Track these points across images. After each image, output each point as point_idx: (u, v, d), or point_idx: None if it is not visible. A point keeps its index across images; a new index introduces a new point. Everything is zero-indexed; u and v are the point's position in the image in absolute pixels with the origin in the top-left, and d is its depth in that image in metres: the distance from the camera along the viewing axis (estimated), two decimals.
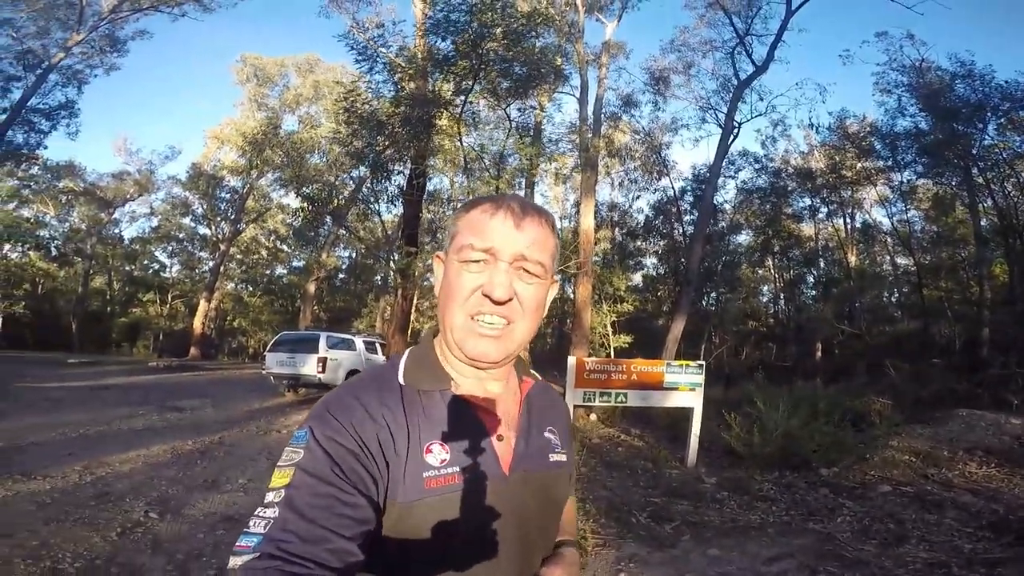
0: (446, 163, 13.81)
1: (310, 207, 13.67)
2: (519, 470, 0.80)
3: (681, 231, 23.59)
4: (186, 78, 66.46)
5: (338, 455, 0.68)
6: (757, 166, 23.27)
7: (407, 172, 13.89)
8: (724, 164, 18.06)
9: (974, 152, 15.87)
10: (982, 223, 17.49)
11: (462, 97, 12.05)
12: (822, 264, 25.83)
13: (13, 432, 6.96)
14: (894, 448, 6.95)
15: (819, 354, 22.84)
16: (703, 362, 7.78)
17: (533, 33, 11.80)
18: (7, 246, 29.13)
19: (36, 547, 3.44)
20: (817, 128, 21.30)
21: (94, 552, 3.49)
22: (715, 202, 21.56)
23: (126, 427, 7.99)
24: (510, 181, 13.67)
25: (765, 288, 30.24)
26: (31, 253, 29.86)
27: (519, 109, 14.37)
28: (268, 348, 13.10)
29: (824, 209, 23.97)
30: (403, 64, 12.36)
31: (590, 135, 14.83)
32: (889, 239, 23.83)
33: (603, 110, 17.19)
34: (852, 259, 23.67)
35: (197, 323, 28.43)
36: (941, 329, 20.37)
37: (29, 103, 16.68)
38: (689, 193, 23.55)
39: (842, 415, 7.17)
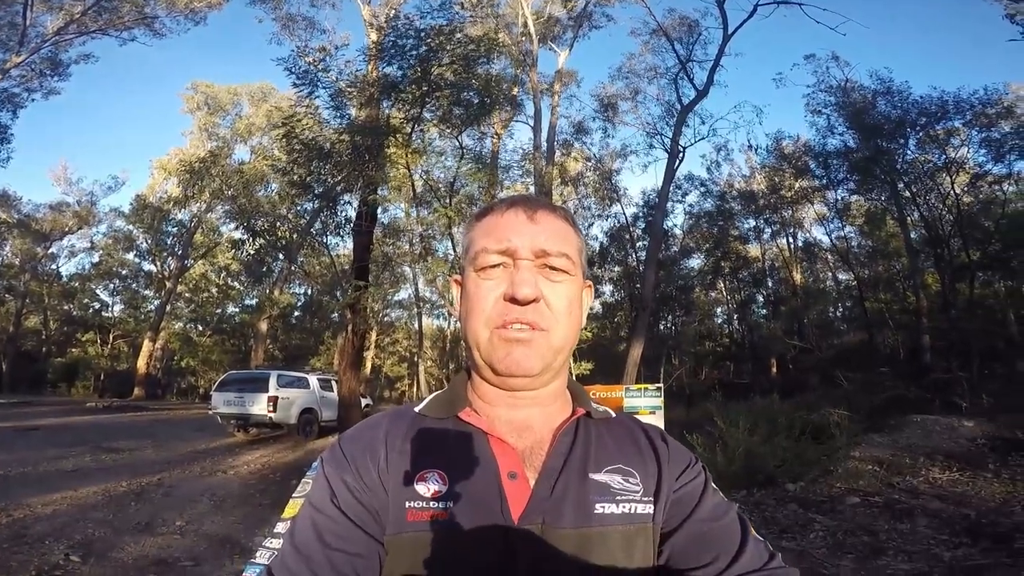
0: (398, 193, 13.63)
1: (255, 241, 13.29)
2: (535, 520, 0.62)
3: (635, 257, 24.12)
4: (134, 106, 63.84)
5: (338, 488, 0.64)
6: (703, 190, 24.26)
7: (357, 203, 13.69)
8: (672, 188, 18.67)
9: (898, 167, 16.94)
10: (912, 235, 18.54)
11: (412, 125, 11.99)
12: (770, 283, 26.94)
13: None
14: (857, 459, 7.03)
15: (775, 370, 23.61)
16: (661, 385, 7.86)
17: (483, 59, 11.95)
18: None
19: None
20: (756, 149, 22.46)
21: None
22: (665, 227, 22.25)
23: (53, 468, 7.49)
24: (461, 211, 13.64)
25: (719, 310, 31.22)
26: None
27: (474, 137, 14.55)
28: (214, 388, 12.83)
29: (768, 230, 25.11)
30: (350, 88, 12.27)
31: (544, 163, 15.12)
32: (830, 256, 25.14)
33: (556, 137, 17.68)
34: (797, 277, 24.78)
35: (141, 363, 27.02)
36: (885, 339, 21.39)
37: None
38: (641, 219, 24.27)
39: (802, 429, 7.16)
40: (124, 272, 32.53)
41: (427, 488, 0.63)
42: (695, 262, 26.25)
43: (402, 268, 20.46)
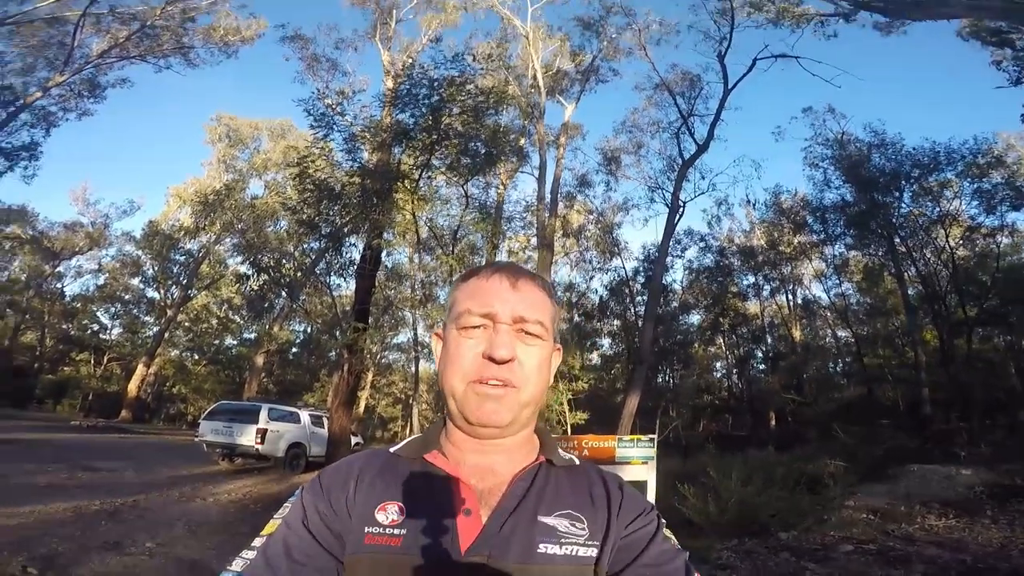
0: (403, 238, 13.81)
1: (260, 276, 13.43)
2: (481, 553, 0.68)
3: (633, 311, 24.05)
4: (158, 132, 65.51)
5: (311, 513, 0.72)
6: (702, 244, 24.39)
7: (362, 245, 13.86)
8: (671, 243, 18.84)
9: (894, 221, 17.03)
10: (909, 291, 18.44)
11: (420, 171, 12.28)
12: (769, 340, 26.77)
13: None
14: (852, 508, 6.95)
15: (773, 423, 23.15)
16: (654, 436, 7.79)
17: (492, 111, 12.35)
18: None
19: None
20: (754, 204, 22.71)
21: None
22: (665, 282, 22.31)
23: (25, 482, 7.29)
24: (462, 258, 13.77)
25: (719, 364, 30.96)
26: None
27: (480, 187, 14.87)
28: (203, 416, 12.79)
29: (767, 287, 25.17)
30: (365, 133, 12.65)
31: (547, 215, 15.29)
32: (828, 313, 25.03)
33: (560, 190, 17.97)
34: (797, 334, 24.65)
35: (132, 386, 26.82)
36: (885, 392, 21.03)
37: None
38: (641, 274, 24.33)
39: (796, 479, 7.14)
40: (127, 297, 32.75)
41: (386, 517, 0.70)
42: (695, 318, 26.20)
43: (403, 312, 20.47)
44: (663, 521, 0.76)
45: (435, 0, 18.79)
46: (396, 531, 0.69)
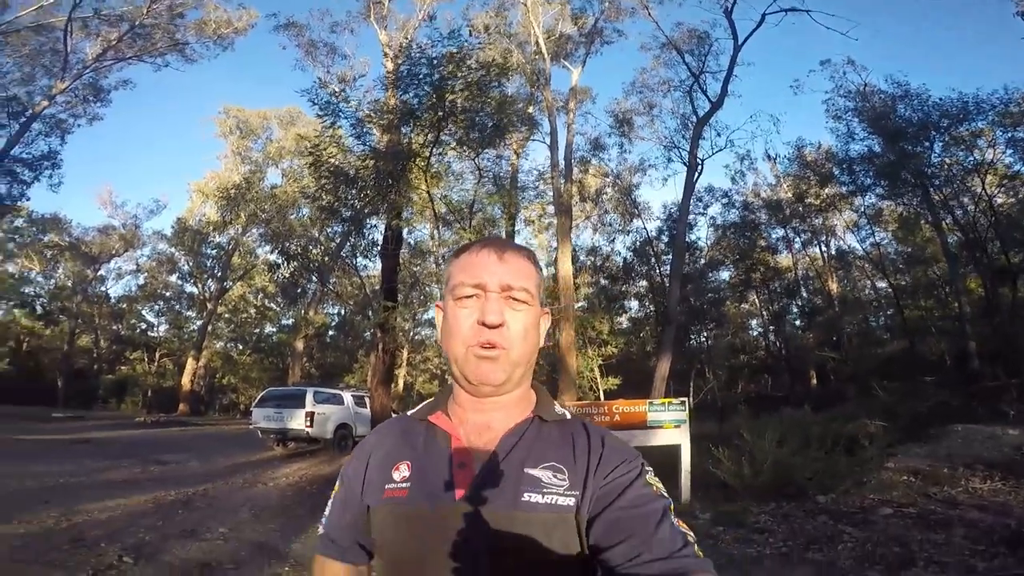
0: (421, 215, 13.98)
1: (289, 264, 13.81)
2: (472, 501, 0.78)
3: (659, 271, 23.82)
4: (171, 129, 66.99)
5: (347, 473, 0.93)
6: (725, 200, 23.85)
7: (382, 226, 14.07)
8: (693, 201, 18.48)
9: (926, 170, 16.40)
10: (949, 240, 17.82)
11: (430, 149, 12.30)
12: (804, 294, 26.20)
13: None
14: (891, 470, 6.79)
15: (813, 382, 22.85)
16: (685, 399, 7.82)
17: (495, 83, 12.21)
18: None
19: None
20: (775, 159, 21.98)
21: None
22: (689, 240, 21.96)
23: (107, 478, 7.89)
24: (480, 231, 13.83)
25: (754, 322, 30.54)
26: (15, 311, 29.83)
27: (493, 159, 14.81)
28: (255, 404, 13.19)
29: (798, 239, 24.53)
30: (372, 116, 12.69)
31: (562, 181, 15.16)
32: (866, 264, 24.31)
33: (573, 155, 17.59)
34: (833, 286, 24.04)
35: (186, 380, 28.10)
36: (930, 346, 20.47)
37: (12, 152, 16.35)
38: (664, 233, 23.93)
39: (835, 440, 7.05)
40: (168, 294, 34.04)
41: (399, 474, 0.85)
42: (725, 274, 25.80)
43: (429, 288, 20.81)
44: (648, 469, 0.82)
45: None
46: (404, 485, 0.83)
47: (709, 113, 15.64)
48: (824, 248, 24.92)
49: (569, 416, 0.90)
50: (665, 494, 0.80)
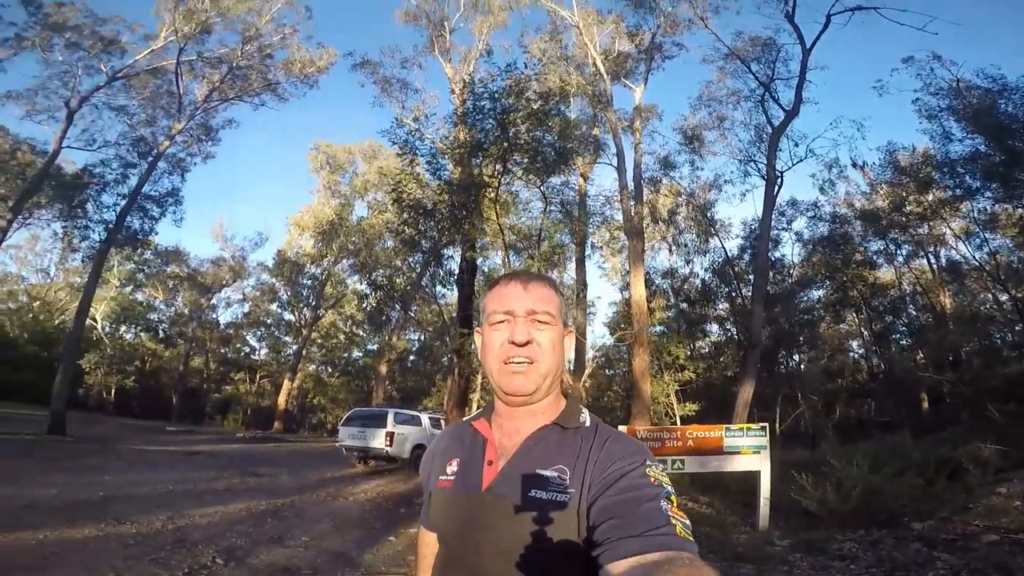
0: (493, 245, 14.36)
1: (377, 292, 14.63)
2: (494, 491, 0.95)
3: (741, 292, 22.44)
4: (271, 164, 73.48)
5: (423, 466, 1.15)
6: (811, 214, 22.16)
7: (458, 256, 14.57)
8: (775, 216, 17.49)
9: None
10: None
11: (498, 179, 12.68)
12: (912, 311, 23.75)
13: (113, 485, 7.83)
14: (1003, 495, 6.14)
15: (925, 405, 20.59)
16: (766, 424, 7.51)
17: (555, 111, 12.41)
18: (123, 327, 32.60)
19: None
20: (864, 166, 20.31)
21: None
22: (773, 258, 20.67)
23: (210, 487, 8.67)
24: (549, 258, 13.85)
25: (854, 343, 28.11)
26: (142, 334, 33.82)
27: (559, 185, 14.89)
28: (341, 423, 13.88)
29: (900, 251, 22.47)
30: (445, 148, 13.31)
31: (632, 202, 14.81)
32: (985, 275, 21.69)
33: (642, 175, 17.09)
34: (946, 301, 21.65)
35: (281, 400, 30.24)
36: None
37: (143, 190, 18.08)
38: (746, 252, 22.64)
39: (937, 465, 6.60)
40: (268, 321, 37.18)
41: (451, 468, 1.04)
42: (817, 293, 23.89)
43: None
44: (651, 464, 0.90)
45: (480, 3, 19.01)
46: (452, 477, 1.03)
47: (784, 122, 14.84)
48: (933, 260, 22.60)
49: (588, 424, 1.02)
50: (664, 484, 0.87)
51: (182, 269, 33.85)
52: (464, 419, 1.15)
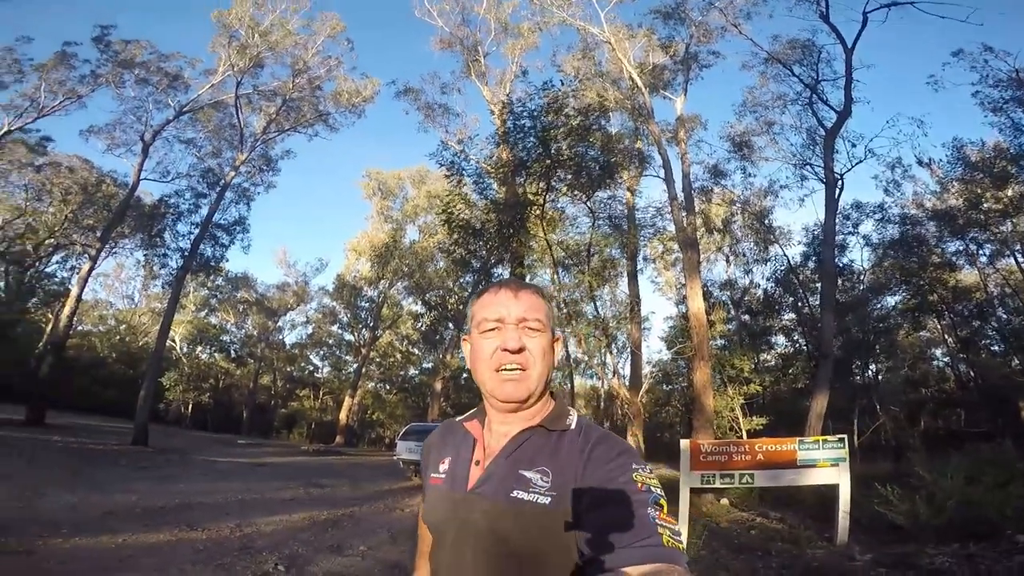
0: (541, 262, 14.31)
1: (431, 312, 14.90)
2: (477, 491, 0.98)
3: (808, 301, 21.19)
4: (328, 193, 78.66)
5: (421, 462, 1.17)
6: (879, 216, 20.70)
7: (508, 274, 14.55)
8: (839, 220, 16.53)
9: None
10: None
11: (543, 197, 12.66)
12: (1003, 314, 21.64)
13: (187, 493, 8.28)
14: None
15: None
16: (844, 436, 7.05)
17: (596, 126, 12.35)
18: (198, 347, 34.84)
19: None
20: (930, 163, 18.98)
21: None
22: (841, 263, 19.51)
23: (275, 497, 9.02)
24: (600, 272, 13.64)
25: (938, 351, 25.97)
26: (216, 354, 36.21)
27: (606, 200, 14.70)
28: (398, 437, 14.24)
29: (983, 251, 20.60)
30: (490, 169, 13.47)
31: (683, 213, 14.39)
32: None
33: (692, 186, 16.56)
34: None
35: (342, 415, 31.36)
36: None
37: (213, 219, 19.33)
38: (810, 259, 21.39)
39: None
40: (330, 341, 38.87)
41: (443, 466, 1.06)
42: (893, 299, 22.22)
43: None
44: (639, 468, 0.89)
45: (510, 27, 19.39)
46: (442, 474, 1.05)
47: (837, 124, 14.09)
48: (1021, 258, 20.58)
49: (574, 426, 1.02)
50: (652, 489, 0.87)
51: (250, 294, 36.21)
52: (457, 418, 1.15)
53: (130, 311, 37.36)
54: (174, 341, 31.45)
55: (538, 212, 12.67)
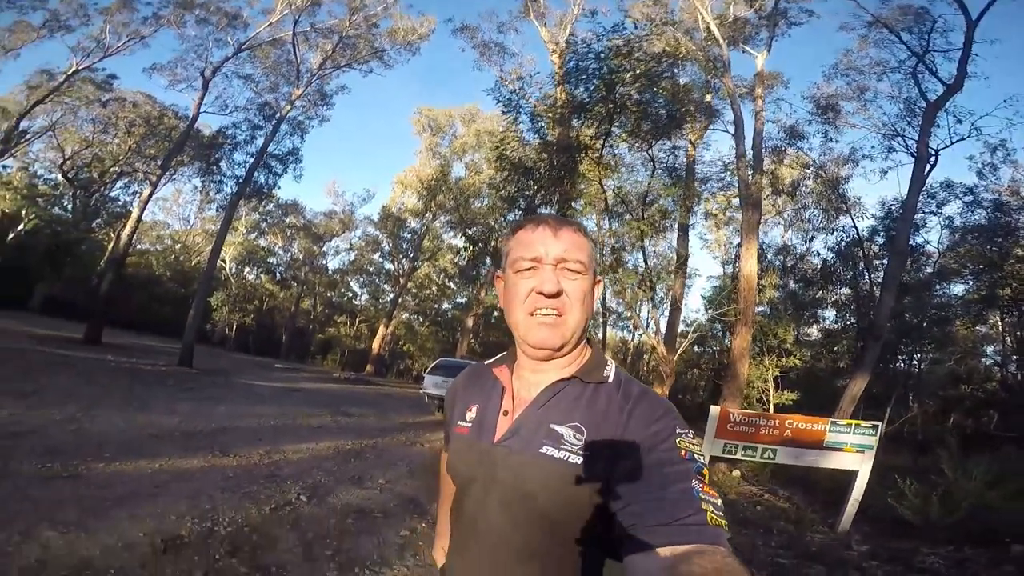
0: (590, 206, 14.00)
1: (472, 247, 14.95)
2: (504, 444, 0.93)
3: (868, 278, 20.24)
4: (379, 127, 79.91)
5: (446, 402, 1.15)
6: (968, 198, 19.10)
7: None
8: (922, 198, 15.37)
9: None
10: None
11: (602, 141, 12.30)
12: None
13: (225, 416, 8.79)
14: None
15: None
16: (878, 424, 6.79)
17: (668, 73, 11.67)
18: (246, 268, 36.48)
19: (207, 510, 4.21)
20: None
21: (247, 520, 4.15)
22: (914, 243, 18.33)
23: (305, 424, 9.47)
24: (653, 222, 13.30)
25: (990, 348, 24.60)
26: (262, 276, 37.99)
27: (667, 150, 14.11)
28: (427, 371, 14.52)
29: None
30: (546, 110, 13.09)
31: (750, 171, 13.67)
32: None
33: (764, 144, 15.78)
34: None
35: (375, 345, 32.63)
36: None
37: (268, 149, 20.28)
38: (880, 234, 20.14)
39: None
40: (371, 269, 39.92)
41: (470, 414, 1.03)
42: (958, 288, 20.95)
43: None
44: (682, 431, 0.84)
45: None
46: (468, 423, 1.01)
47: (944, 97, 12.79)
48: None
49: (611, 379, 0.95)
50: (696, 457, 0.81)
51: (299, 220, 37.33)
52: (486, 362, 1.10)
53: (185, 232, 39.32)
54: (224, 261, 32.94)
55: (595, 156, 12.31)
